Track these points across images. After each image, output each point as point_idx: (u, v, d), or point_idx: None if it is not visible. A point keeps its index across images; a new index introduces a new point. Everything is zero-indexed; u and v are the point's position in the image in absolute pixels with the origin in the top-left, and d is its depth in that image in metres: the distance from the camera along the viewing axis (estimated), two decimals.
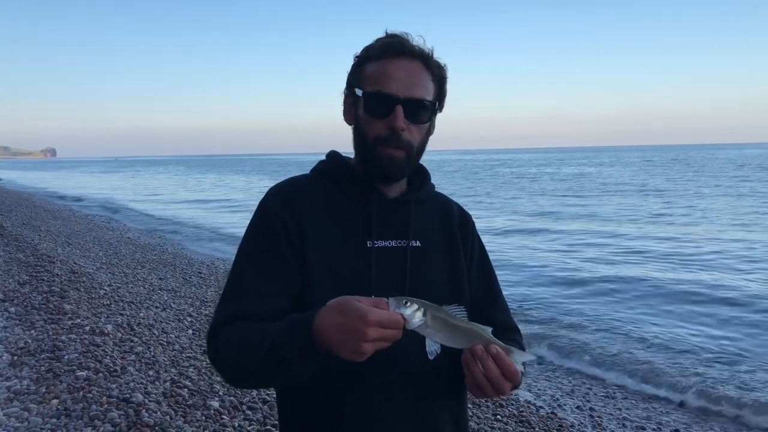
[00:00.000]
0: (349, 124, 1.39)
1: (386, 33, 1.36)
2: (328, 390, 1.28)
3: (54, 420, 4.01)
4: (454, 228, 1.46)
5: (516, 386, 1.20)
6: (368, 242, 1.32)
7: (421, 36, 1.34)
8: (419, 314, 1.09)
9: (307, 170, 1.48)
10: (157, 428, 3.96)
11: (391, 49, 1.32)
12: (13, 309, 6.78)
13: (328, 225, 1.33)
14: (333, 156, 1.44)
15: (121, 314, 6.88)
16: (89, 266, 9.93)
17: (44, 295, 7.52)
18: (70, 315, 6.60)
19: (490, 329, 1.18)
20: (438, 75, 1.35)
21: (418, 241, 1.37)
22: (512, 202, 26.10)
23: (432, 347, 1.14)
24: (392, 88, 1.29)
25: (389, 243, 1.34)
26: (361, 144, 1.35)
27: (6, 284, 8.04)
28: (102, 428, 3.91)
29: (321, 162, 1.45)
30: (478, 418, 4.71)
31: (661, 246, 13.52)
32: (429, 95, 1.33)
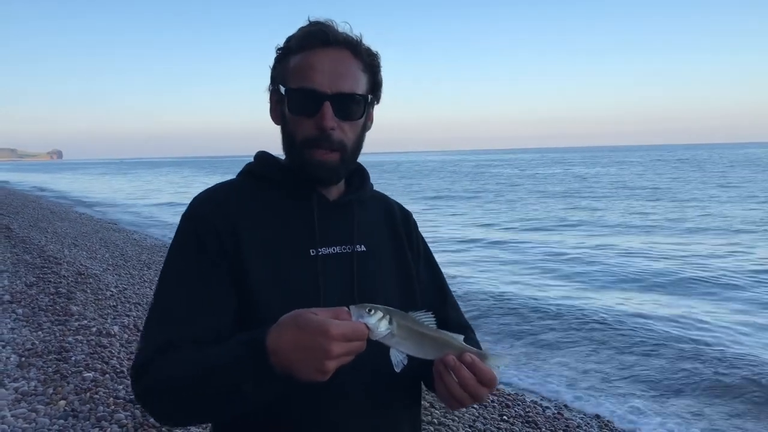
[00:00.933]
0: (277, 123, 1.26)
1: (309, 20, 1.22)
2: (281, 411, 1.14)
3: (61, 421, 4.04)
4: (398, 228, 1.37)
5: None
6: (311, 250, 1.19)
7: (347, 22, 1.22)
8: (385, 323, 0.98)
9: None
10: (163, 429, 3.98)
11: (314, 39, 1.18)
12: (20, 310, 6.82)
13: (265, 229, 1.20)
14: (263, 156, 1.30)
15: (128, 315, 6.90)
16: (96, 268, 9.97)
17: (51, 296, 7.55)
18: (77, 316, 6.64)
19: (461, 337, 1.08)
20: (369, 64, 1.22)
21: (363, 246, 1.26)
22: (510, 206, 25.73)
23: (398, 358, 1.02)
24: (317, 82, 1.16)
25: (333, 249, 1.22)
26: (290, 146, 1.22)
27: (13, 286, 8.08)
28: (109, 429, 3.94)
29: (249, 164, 1.31)
30: (485, 418, 4.70)
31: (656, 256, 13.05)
32: (360, 88, 1.20)
